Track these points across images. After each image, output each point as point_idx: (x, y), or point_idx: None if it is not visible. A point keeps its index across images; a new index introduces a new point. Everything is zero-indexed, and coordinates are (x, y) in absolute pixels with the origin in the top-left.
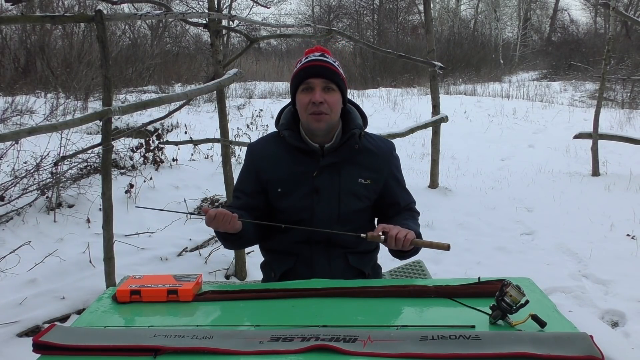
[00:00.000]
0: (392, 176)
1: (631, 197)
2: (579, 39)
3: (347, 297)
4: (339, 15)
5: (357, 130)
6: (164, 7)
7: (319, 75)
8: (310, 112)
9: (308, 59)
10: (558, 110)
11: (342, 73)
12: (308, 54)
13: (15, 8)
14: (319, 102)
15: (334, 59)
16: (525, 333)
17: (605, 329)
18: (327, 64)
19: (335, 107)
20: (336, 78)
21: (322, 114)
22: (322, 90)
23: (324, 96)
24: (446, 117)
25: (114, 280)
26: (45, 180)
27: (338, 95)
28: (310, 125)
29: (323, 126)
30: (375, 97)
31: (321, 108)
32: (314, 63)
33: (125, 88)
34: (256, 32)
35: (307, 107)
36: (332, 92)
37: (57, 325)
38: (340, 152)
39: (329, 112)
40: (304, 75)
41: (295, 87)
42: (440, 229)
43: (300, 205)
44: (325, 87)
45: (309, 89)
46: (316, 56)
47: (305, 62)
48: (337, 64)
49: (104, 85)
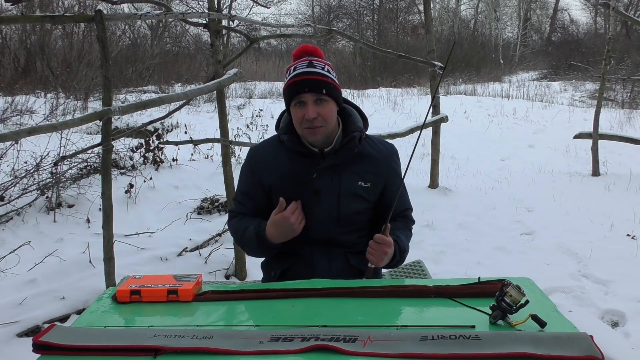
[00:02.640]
0: (391, 180)
1: (631, 197)
2: (579, 39)
3: (347, 297)
4: (339, 15)
5: (358, 134)
6: (164, 7)
7: (309, 89)
8: (305, 127)
9: (297, 71)
10: (558, 110)
11: (332, 79)
12: (295, 57)
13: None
14: (312, 117)
15: (323, 63)
16: (525, 333)
17: (605, 329)
18: (316, 75)
19: (329, 117)
20: (327, 88)
21: (316, 127)
22: (315, 104)
23: (317, 110)
24: (446, 117)
25: (114, 280)
26: (45, 180)
27: (331, 105)
28: (306, 138)
29: (319, 137)
30: (375, 97)
31: (315, 123)
32: (303, 77)
33: (125, 88)
34: (256, 32)
35: (302, 122)
36: (325, 103)
37: (57, 325)
38: (340, 155)
39: (324, 124)
40: (294, 90)
41: (288, 102)
42: (440, 229)
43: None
44: (317, 99)
45: (301, 104)
46: (304, 67)
47: (294, 76)
48: (327, 69)
49: (104, 85)
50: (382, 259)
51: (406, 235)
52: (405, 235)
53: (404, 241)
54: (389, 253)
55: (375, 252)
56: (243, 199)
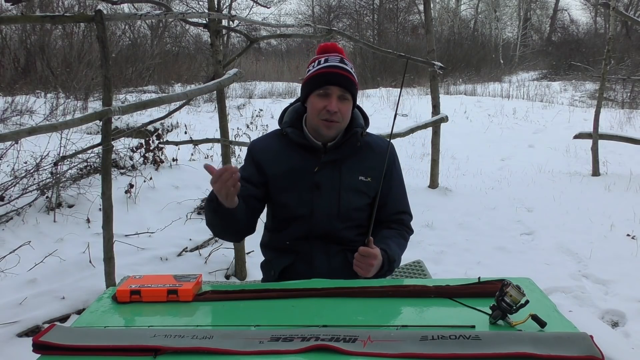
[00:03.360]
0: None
1: (631, 197)
2: (579, 39)
3: (347, 297)
4: (339, 15)
5: (360, 129)
6: (164, 7)
7: (338, 83)
8: (322, 118)
9: (329, 63)
10: (558, 110)
11: (357, 81)
12: (324, 51)
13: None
14: (334, 111)
15: (351, 64)
16: (525, 333)
17: (605, 329)
18: (347, 72)
19: (346, 116)
20: (352, 88)
21: (333, 122)
22: (338, 99)
23: (338, 105)
24: (446, 117)
25: (114, 280)
26: (45, 180)
27: (350, 104)
28: (320, 130)
29: (333, 133)
30: (375, 97)
31: (334, 117)
32: (335, 70)
33: (125, 88)
34: (256, 32)
35: (320, 113)
36: (346, 102)
37: (57, 325)
38: (342, 150)
39: (341, 120)
40: (323, 81)
41: (310, 89)
42: (440, 229)
43: (300, 199)
44: (341, 95)
45: (325, 95)
46: (336, 62)
47: (326, 67)
48: (353, 70)
49: (104, 85)
50: (369, 270)
51: (399, 243)
52: (398, 243)
53: (394, 250)
54: (376, 264)
55: (361, 265)
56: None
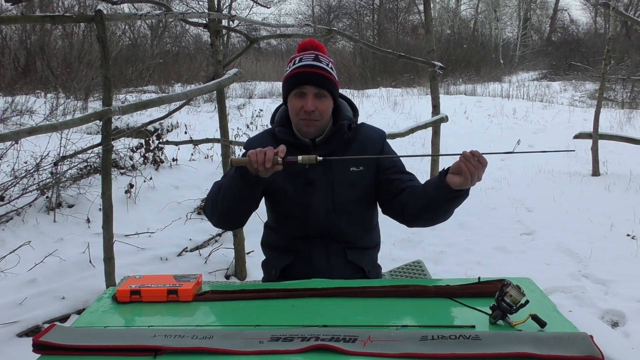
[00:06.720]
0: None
1: (631, 197)
2: (579, 39)
3: (347, 297)
4: (339, 15)
5: (346, 122)
6: (164, 7)
7: (312, 82)
8: (301, 118)
9: (302, 63)
10: (558, 110)
11: (334, 77)
12: (301, 49)
13: (15, 8)
14: (311, 110)
15: (328, 60)
16: (525, 333)
17: (605, 329)
18: (321, 70)
19: (326, 113)
20: (329, 85)
21: (312, 121)
22: (314, 97)
23: (315, 103)
24: (446, 117)
25: (114, 280)
26: (45, 180)
27: (329, 101)
28: (300, 129)
29: (313, 130)
30: (375, 97)
31: (312, 116)
32: (308, 69)
33: (125, 88)
34: (256, 32)
35: (299, 113)
36: (324, 99)
37: (57, 325)
38: (331, 144)
39: (320, 118)
40: (297, 81)
41: (288, 90)
42: (440, 229)
43: (295, 197)
44: (317, 93)
45: (301, 95)
46: (310, 60)
47: (299, 67)
48: (331, 66)
49: (104, 85)
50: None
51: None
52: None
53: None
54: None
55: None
56: None
